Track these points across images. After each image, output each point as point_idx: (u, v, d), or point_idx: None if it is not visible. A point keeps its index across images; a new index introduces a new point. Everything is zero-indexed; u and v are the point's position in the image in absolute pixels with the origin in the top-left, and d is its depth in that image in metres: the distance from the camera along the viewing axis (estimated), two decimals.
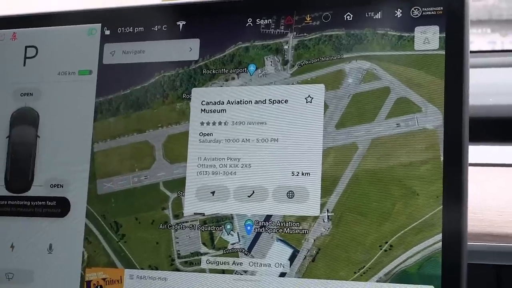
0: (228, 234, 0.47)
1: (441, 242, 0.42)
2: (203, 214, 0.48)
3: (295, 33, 0.48)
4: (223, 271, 0.47)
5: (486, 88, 0.48)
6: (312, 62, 0.47)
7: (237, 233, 0.47)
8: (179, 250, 0.48)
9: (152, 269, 0.48)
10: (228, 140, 0.48)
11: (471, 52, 0.44)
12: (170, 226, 0.48)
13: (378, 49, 0.46)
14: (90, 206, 0.50)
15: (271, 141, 0.47)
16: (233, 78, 0.49)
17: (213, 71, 0.49)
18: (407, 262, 0.43)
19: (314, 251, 0.45)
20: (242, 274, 0.46)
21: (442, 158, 0.43)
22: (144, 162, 0.50)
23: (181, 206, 0.48)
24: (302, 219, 0.45)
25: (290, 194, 0.46)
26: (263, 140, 0.47)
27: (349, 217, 0.45)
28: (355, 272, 0.44)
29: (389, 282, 0.43)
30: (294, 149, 0.46)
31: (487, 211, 0.52)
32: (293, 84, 0.47)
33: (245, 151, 0.47)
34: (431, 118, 0.44)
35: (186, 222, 0.48)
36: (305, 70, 0.47)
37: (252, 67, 0.48)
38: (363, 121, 0.45)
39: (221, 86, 0.49)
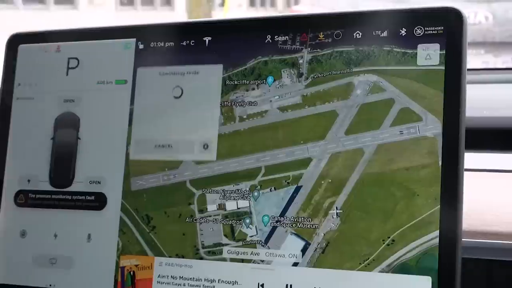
0: (247, 228, 0.48)
1: (438, 238, 0.43)
2: (225, 210, 0.49)
3: (309, 49, 0.48)
4: (242, 260, 0.47)
5: (481, 102, 0.48)
6: (324, 75, 0.48)
7: (255, 226, 0.48)
8: (203, 241, 0.49)
9: (179, 257, 0.49)
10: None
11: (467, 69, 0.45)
12: (195, 220, 0.49)
13: (384, 64, 0.47)
14: (124, 200, 0.51)
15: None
16: (253, 89, 0.49)
17: (235, 82, 0.50)
18: (407, 255, 0.44)
19: (324, 244, 0.46)
20: (259, 263, 0.47)
21: (440, 163, 0.44)
22: (173, 163, 0.51)
23: (205, 202, 0.49)
24: (313, 215, 0.47)
25: None
26: None
27: (356, 214, 0.45)
28: (360, 263, 0.45)
29: (391, 273, 0.44)
30: None
31: (482, 211, 0.53)
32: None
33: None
34: (431, 127, 0.44)
35: (210, 216, 0.49)
36: (318, 82, 0.48)
37: (270, 79, 0.49)
38: (369, 128, 0.46)
39: (242, 96, 0.50)
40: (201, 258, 0.49)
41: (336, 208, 0.46)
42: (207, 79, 0.51)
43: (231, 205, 0.49)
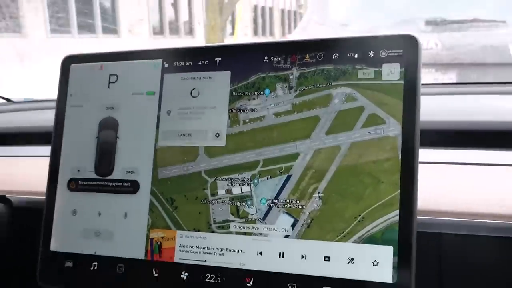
0: (248, 208, 0.48)
1: (398, 216, 0.43)
2: (231, 193, 0.49)
3: (297, 67, 0.48)
4: (244, 233, 0.47)
5: (431, 108, 0.48)
6: (309, 88, 0.47)
7: (255, 207, 0.47)
8: (214, 218, 0.49)
9: (195, 231, 0.49)
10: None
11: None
12: (208, 201, 0.49)
13: (356, 79, 0.46)
14: (153, 186, 0.51)
15: None
16: (254, 99, 0.49)
17: (240, 94, 0.50)
18: (374, 229, 0.44)
19: (309, 221, 0.46)
20: (258, 236, 0.47)
21: (400, 157, 0.44)
22: (190, 157, 0.51)
23: (216, 187, 0.49)
24: (300, 198, 0.46)
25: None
26: None
27: (334, 197, 0.45)
28: (337, 236, 0.44)
29: (361, 243, 0.44)
30: None
31: (434, 194, 0.53)
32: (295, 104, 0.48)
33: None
34: (393, 128, 0.44)
35: (220, 199, 0.49)
36: (305, 93, 0.47)
37: (267, 91, 0.49)
38: (344, 129, 0.46)
39: (245, 104, 0.49)
40: (213, 232, 0.48)
41: (319, 192, 0.46)
42: (219, 83, 0.51)
43: (236, 190, 0.49)
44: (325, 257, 0.45)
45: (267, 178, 0.48)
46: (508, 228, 0.49)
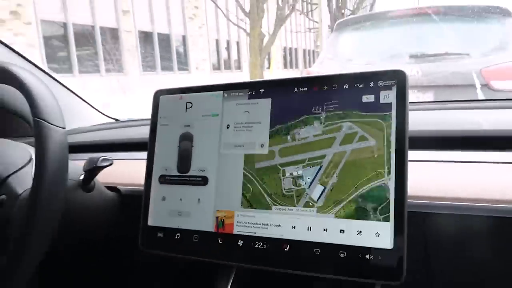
0: (302, 181, 0.48)
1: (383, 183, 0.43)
2: (292, 175, 0.49)
3: (325, 112, 0.48)
4: (284, 213, 0.47)
5: (414, 120, 0.47)
6: (332, 124, 0.47)
7: (305, 181, 0.47)
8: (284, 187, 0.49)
9: (250, 210, 0.49)
10: None
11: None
12: (280, 178, 0.49)
13: (356, 117, 0.46)
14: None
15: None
16: (301, 127, 0.48)
17: (286, 127, 0.50)
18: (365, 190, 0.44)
19: (331, 188, 0.46)
20: (292, 214, 0.47)
21: (385, 156, 0.43)
22: (249, 156, 0.50)
23: (285, 172, 0.48)
24: (327, 177, 0.46)
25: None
26: None
27: (343, 175, 0.45)
28: (346, 194, 0.44)
29: (367, 220, 0.44)
30: None
31: (420, 183, 0.51)
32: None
33: None
34: (372, 142, 0.44)
35: (287, 177, 0.48)
36: (328, 125, 0.47)
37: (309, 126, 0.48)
38: (348, 143, 0.46)
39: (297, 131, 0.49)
40: (265, 209, 0.48)
41: (335, 174, 0.46)
42: (263, 107, 0.51)
43: (295, 172, 0.48)
44: (340, 230, 0.44)
45: (310, 167, 0.47)
46: (471, 208, 0.48)
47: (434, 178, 0.52)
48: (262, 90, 0.51)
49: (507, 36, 2.10)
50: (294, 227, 0.46)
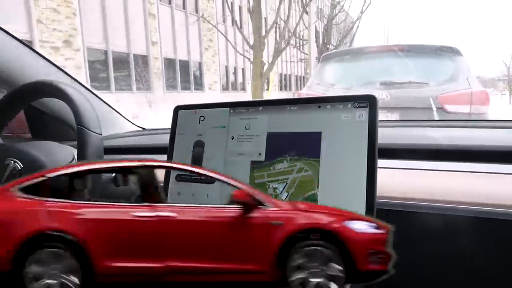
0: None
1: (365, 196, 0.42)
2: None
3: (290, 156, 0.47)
4: None
5: (384, 135, 0.47)
6: (292, 162, 0.47)
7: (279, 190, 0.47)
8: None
9: None
10: None
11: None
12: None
13: (339, 122, 0.45)
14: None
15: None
16: None
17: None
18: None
19: (292, 192, 0.45)
20: None
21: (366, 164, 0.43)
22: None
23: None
24: (289, 187, 0.45)
25: None
26: None
27: (331, 176, 0.44)
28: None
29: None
30: None
31: (389, 186, 0.51)
32: None
33: None
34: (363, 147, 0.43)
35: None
36: (292, 162, 0.46)
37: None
38: (299, 172, 0.45)
39: None
40: None
41: (293, 187, 0.45)
42: (261, 122, 0.50)
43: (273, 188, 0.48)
44: None
45: (281, 183, 0.47)
46: (426, 207, 0.48)
47: (399, 182, 0.52)
48: (261, 108, 0.51)
49: (458, 70, 2.17)
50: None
